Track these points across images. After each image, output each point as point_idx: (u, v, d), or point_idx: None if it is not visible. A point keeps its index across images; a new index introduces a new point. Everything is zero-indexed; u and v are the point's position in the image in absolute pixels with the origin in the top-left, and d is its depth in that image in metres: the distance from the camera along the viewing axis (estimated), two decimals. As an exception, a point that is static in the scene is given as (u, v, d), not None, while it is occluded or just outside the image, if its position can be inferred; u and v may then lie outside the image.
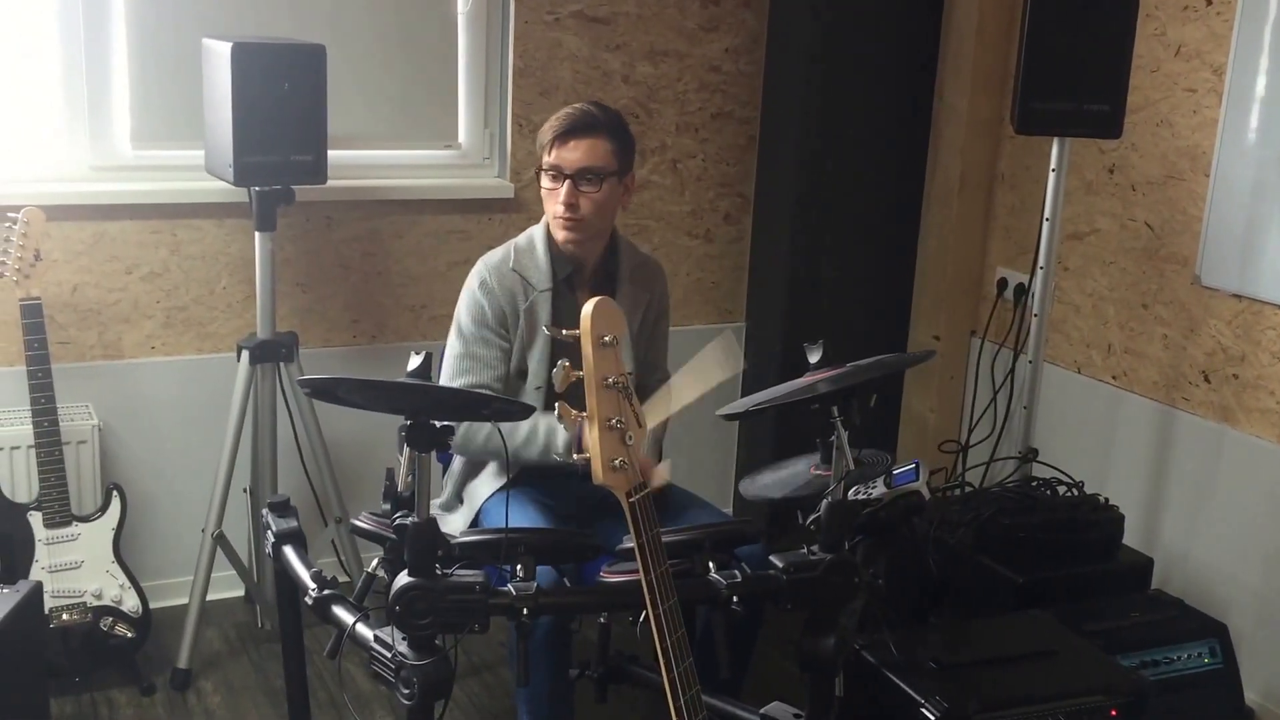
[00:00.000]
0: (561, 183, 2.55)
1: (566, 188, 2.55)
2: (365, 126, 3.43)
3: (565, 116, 2.57)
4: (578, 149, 2.55)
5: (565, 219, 2.57)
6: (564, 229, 2.59)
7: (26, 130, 3.16)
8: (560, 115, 2.57)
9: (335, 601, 2.15)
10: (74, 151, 3.18)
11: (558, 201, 2.56)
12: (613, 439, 1.71)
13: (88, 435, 3.13)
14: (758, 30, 3.84)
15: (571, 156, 2.55)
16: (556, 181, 2.56)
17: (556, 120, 2.57)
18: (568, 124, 2.55)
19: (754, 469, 2.41)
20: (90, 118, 3.17)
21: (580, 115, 2.57)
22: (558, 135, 2.54)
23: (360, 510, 3.29)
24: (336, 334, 3.52)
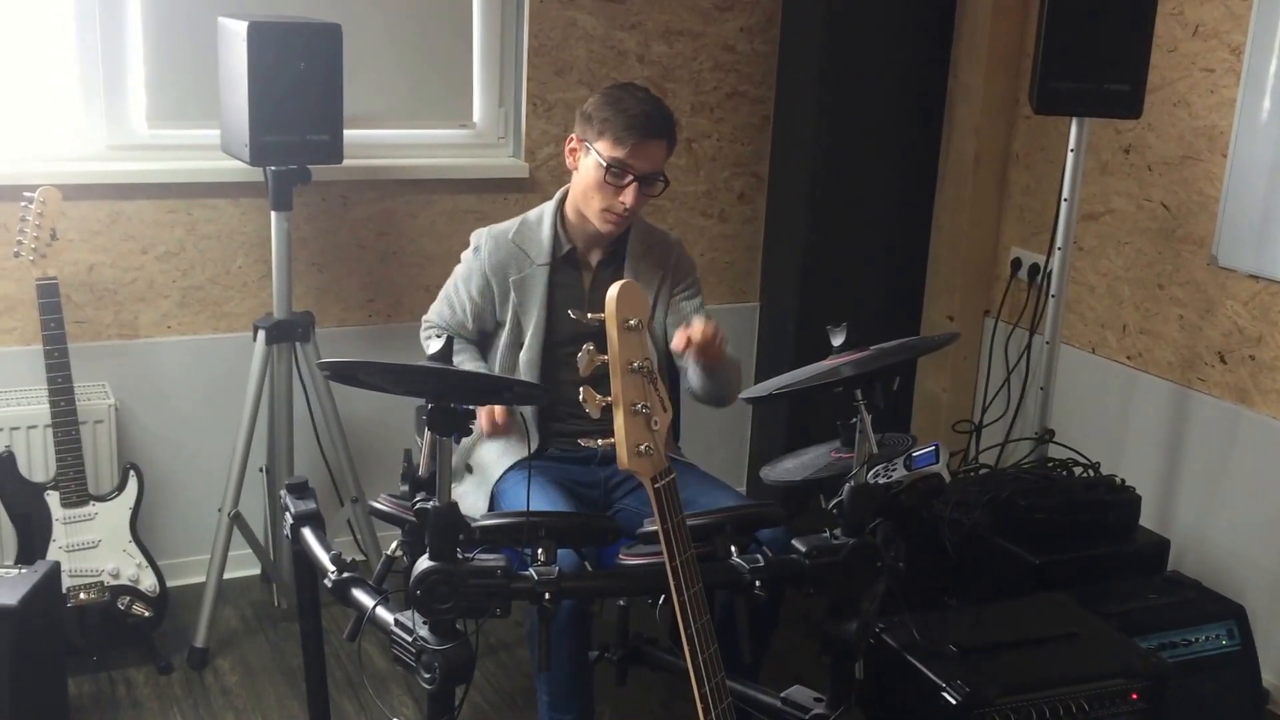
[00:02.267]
0: (627, 182, 2.52)
1: (633, 189, 2.52)
2: (380, 106, 3.42)
3: (644, 117, 2.50)
4: (651, 152, 2.52)
5: (620, 217, 2.56)
6: (609, 224, 2.57)
7: (42, 109, 3.14)
8: (636, 113, 2.49)
9: (355, 584, 2.15)
10: (90, 131, 3.17)
11: (618, 199, 2.53)
12: (638, 424, 1.71)
13: (104, 414, 3.13)
14: (773, 9, 3.82)
15: (645, 159, 2.51)
16: (620, 180, 2.52)
17: (632, 117, 2.48)
18: (648, 126, 2.49)
19: (774, 454, 2.40)
20: (106, 97, 3.16)
21: (658, 117, 2.52)
22: (638, 136, 2.48)
23: (376, 490, 3.34)
24: (351, 314, 3.51)
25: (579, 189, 2.60)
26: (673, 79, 3.73)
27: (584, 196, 2.58)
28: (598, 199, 2.55)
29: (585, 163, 2.57)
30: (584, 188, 2.58)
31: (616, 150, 2.50)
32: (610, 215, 2.56)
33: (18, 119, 3.13)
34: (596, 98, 2.58)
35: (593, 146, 2.54)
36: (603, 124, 2.51)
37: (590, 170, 2.55)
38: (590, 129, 2.54)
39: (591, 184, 2.55)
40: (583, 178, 2.58)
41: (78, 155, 3.16)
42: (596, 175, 2.54)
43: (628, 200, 2.52)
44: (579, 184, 2.60)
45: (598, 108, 2.55)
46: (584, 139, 2.57)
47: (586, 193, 2.57)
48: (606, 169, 2.51)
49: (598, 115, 2.53)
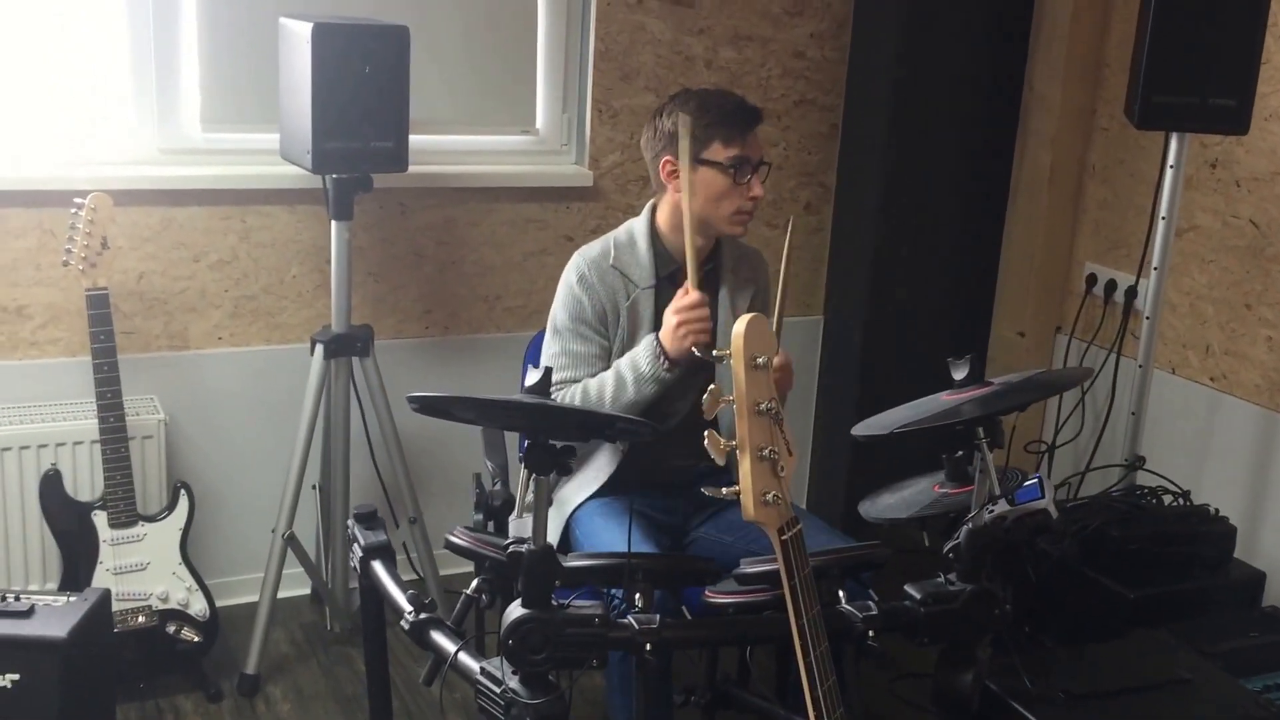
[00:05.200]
0: (748, 174, 2.43)
1: (757, 179, 2.45)
2: (441, 111, 3.29)
3: (739, 107, 2.45)
4: (758, 137, 2.47)
5: (749, 214, 2.47)
6: (743, 223, 2.48)
7: (93, 112, 3.03)
8: (731, 107, 2.44)
9: (434, 626, 2.02)
10: (142, 134, 3.06)
11: (745, 196, 2.44)
12: (764, 470, 1.58)
13: (154, 430, 3.01)
14: (844, 15, 3.68)
15: (756, 146, 2.46)
16: (742, 174, 2.43)
17: (730, 113, 2.42)
18: (750, 114, 2.45)
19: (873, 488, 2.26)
20: (159, 99, 3.04)
21: (747, 103, 2.48)
22: (746, 126, 2.43)
23: (435, 511, 3.27)
24: (408, 325, 3.39)
25: (700, 205, 2.45)
26: (740, 85, 3.59)
27: (711, 209, 2.46)
28: (726, 204, 2.46)
29: (698, 177, 2.44)
30: (707, 200, 2.45)
31: (732, 148, 2.43)
32: (743, 215, 2.48)
33: (68, 122, 3.01)
34: (678, 112, 2.45)
35: (701, 157, 2.43)
36: (705, 130, 2.42)
37: (711, 180, 2.44)
38: (690, 142, 2.42)
39: (717, 192, 2.45)
40: (703, 191, 2.45)
41: (129, 159, 3.04)
42: (722, 180, 2.44)
43: (758, 191, 2.46)
44: (699, 200, 2.45)
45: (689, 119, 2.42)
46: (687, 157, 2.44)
47: (713, 204, 2.46)
48: (731, 170, 2.42)
49: (696, 124, 2.42)
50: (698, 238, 2.51)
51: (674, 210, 2.51)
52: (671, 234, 2.54)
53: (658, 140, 2.49)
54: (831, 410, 3.90)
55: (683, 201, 2.39)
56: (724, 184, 2.44)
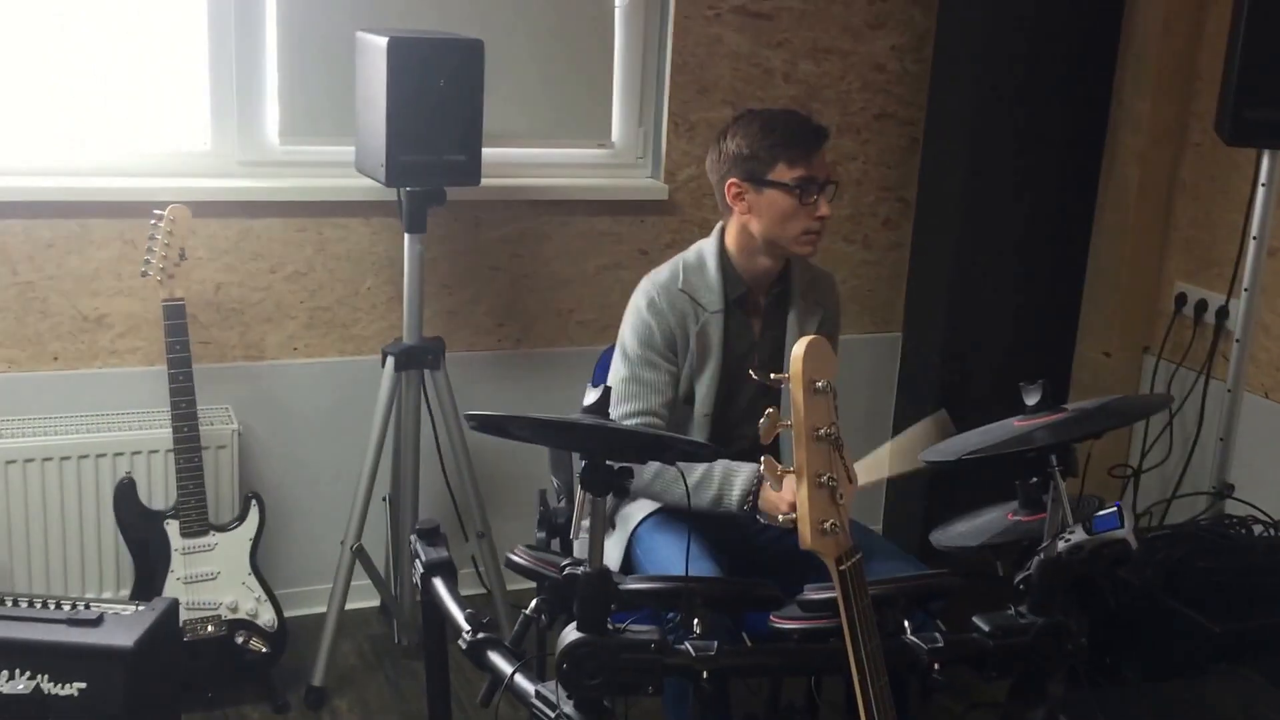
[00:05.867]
0: (814, 195, 2.39)
1: (824, 198, 2.40)
2: (516, 124, 3.28)
3: (804, 127, 2.41)
4: (823, 157, 2.42)
5: (817, 234, 2.42)
6: (812, 243, 2.44)
7: (173, 124, 3.08)
8: (795, 128, 2.40)
9: (491, 646, 1.99)
10: (221, 146, 3.09)
11: (814, 215, 2.39)
12: (823, 498, 1.53)
13: (227, 440, 3.04)
14: (926, 28, 3.61)
15: (821, 165, 2.41)
16: (807, 194, 2.38)
17: (793, 133, 2.39)
18: (814, 134, 2.41)
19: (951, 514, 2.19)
20: (239, 112, 3.08)
21: (812, 121, 2.44)
22: (810, 146, 2.39)
23: (503, 525, 3.26)
24: (481, 338, 3.39)
25: (766, 227, 2.42)
26: (819, 99, 3.54)
27: (778, 231, 2.42)
28: (793, 225, 2.41)
29: (763, 199, 2.41)
30: (774, 222, 2.41)
31: (798, 169, 2.38)
32: (810, 235, 2.43)
33: (150, 134, 3.06)
34: (738, 134, 2.43)
35: (766, 179, 2.39)
36: (770, 151, 2.38)
37: (776, 201, 2.40)
38: (755, 164, 2.40)
39: (782, 214, 2.40)
40: (769, 213, 2.41)
41: (208, 171, 3.08)
42: (788, 202, 2.39)
43: (824, 211, 2.41)
44: (766, 221, 2.42)
45: (754, 140, 2.41)
46: (749, 179, 2.41)
47: (779, 226, 2.41)
48: (797, 190, 2.37)
49: (760, 146, 2.39)
50: (764, 259, 2.47)
51: (742, 232, 2.47)
52: (740, 257, 2.49)
53: (723, 163, 2.45)
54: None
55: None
56: (790, 205, 2.39)
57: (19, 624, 2.46)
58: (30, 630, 2.44)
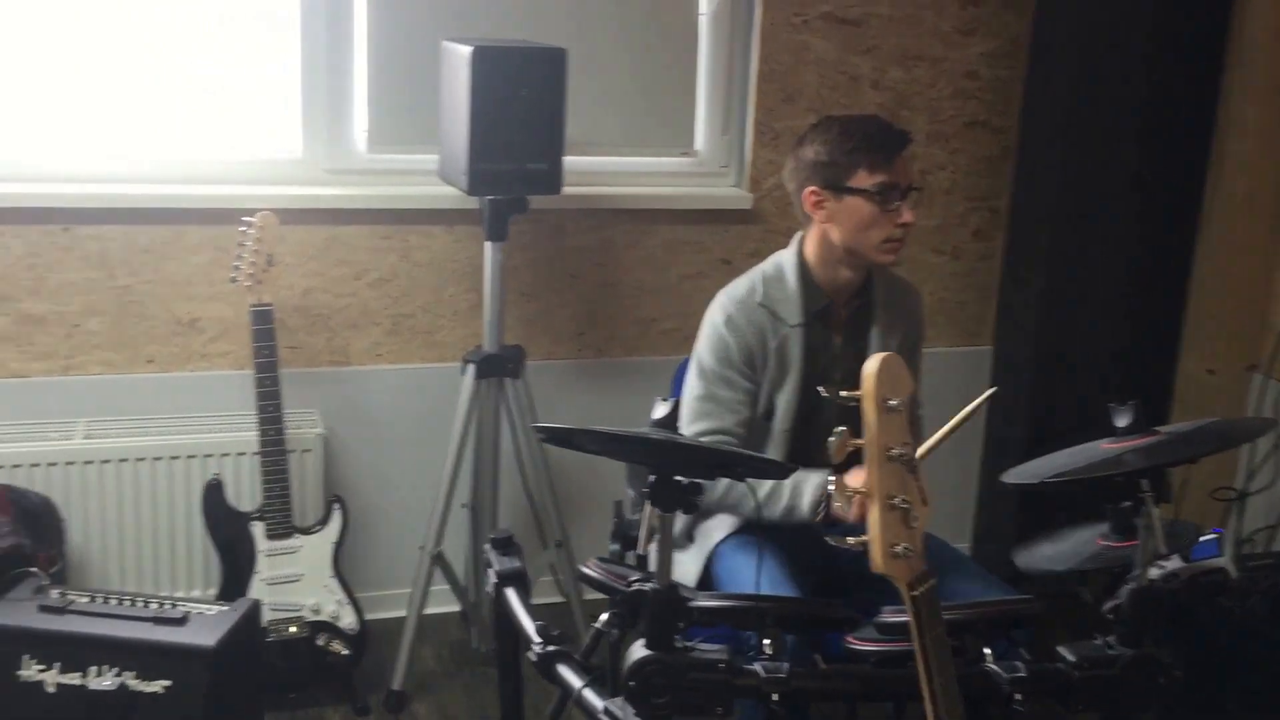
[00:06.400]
0: (896, 201, 2.33)
1: (906, 205, 2.34)
2: (599, 132, 3.28)
3: (885, 131, 2.36)
4: (906, 162, 2.36)
5: (899, 241, 2.37)
6: (893, 251, 2.38)
7: (263, 132, 3.13)
8: (875, 132, 2.35)
9: (561, 660, 1.97)
10: (311, 154, 3.14)
11: (895, 222, 2.34)
12: (894, 520, 1.48)
13: (313, 444, 3.08)
14: (1020, 34, 3.52)
15: (903, 172, 2.35)
16: (889, 200, 2.33)
17: (873, 138, 2.34)
18: (895, 139, 2.35)
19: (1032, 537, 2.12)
20: (328, 121, 3.12)
21: (894, 126, 2.38)
22: (892, 151, 2.33)
23: (581, 535, 3.25)
24: (561, 346, 3.39)
25: (846, 235, 2.38)
26: (908, 106, 3.48)
27: (859, 239, 2.37)
28: (875, 232, 2.35)
29: (843, 206, 2.36)
30: (854, 230, 2.36)
31: (878, 174, 2.32)
32: (892, 243, 2.37)
33: (241, 143, 3.11)
34: (816, 141, 2.39)
35: (846, 186, 2.34)
36: (849, 157, 2.33)
37: (857, 209, 2.35)
38: (834, 171, 2.35)
39: (864, 221, 2.35)
40: (849, 221, 2.36)
41: (297, 179, 3.13)
42: (868, 210, 2.34)
43: (907, 218, 2.35)
44: (846, 230, 2.37)
45: (833, 146, 2.36)
46: (828, 186, 2.37)
47: (860, 234, 2.36)
48: (876, 197, 2.32)
49: (839, 152, 2.34)
50: (846, 270, 2.42)
51: (822, 242, 2.43)
52: (821, 268, 2.45)
53: (801, 170, 2.40)
54: (998, 448, 3.73)
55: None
56: (870, 212, 2.34)
57: (108, 621, 2.52)
58: (118, 627, 2.50)
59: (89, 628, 2.49)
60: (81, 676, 2.46)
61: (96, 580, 2.98)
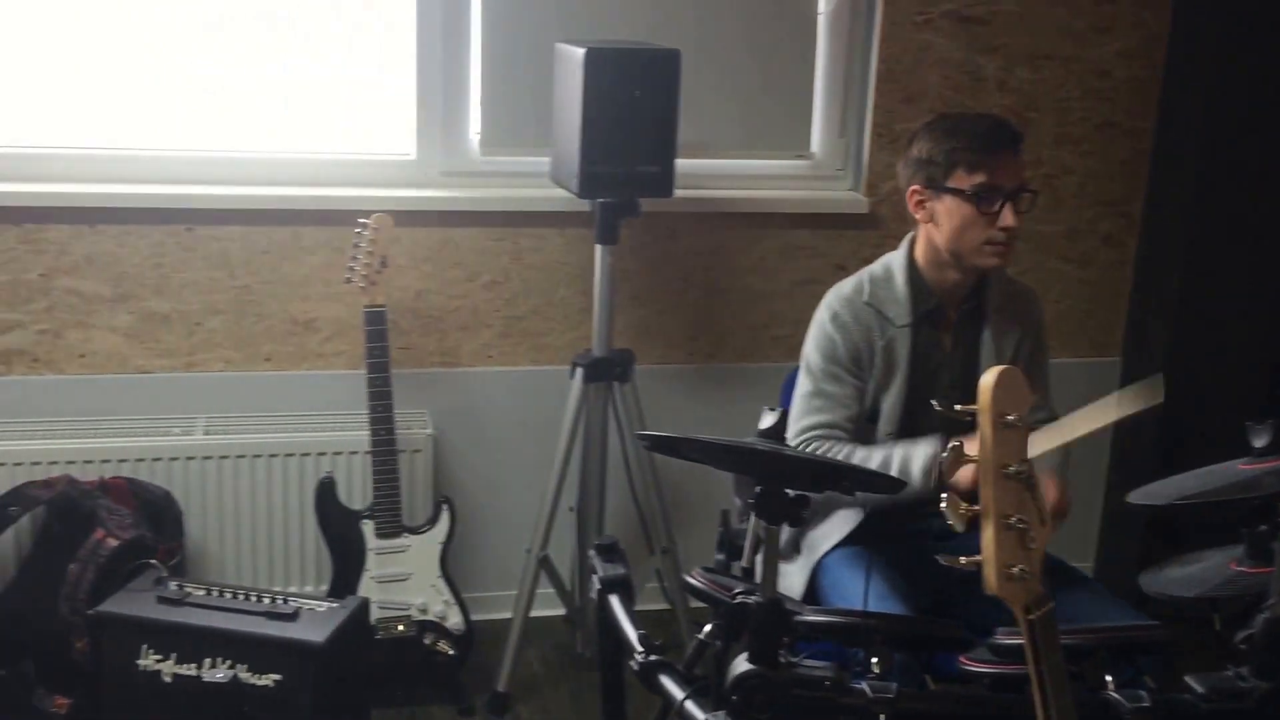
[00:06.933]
0: (998, 203, 2.26)
1: (1009, 208, 2.26)
2: (712, 134, 3.23)
3: (990, 129, 2.29)
4: (1009, 163, 2.27)
5: (1003, 244, 2.29)
6: (996, 255, 2.30)
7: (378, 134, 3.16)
8: (979, 131, 2.28)
9: (663, 670, 1.94)
10: (426, 157, 3.16)
11: (995, 225, 2.27)
12: (1011, 541, 1.41)
13: (423, 444, 3.10)
14: (1158, 31, 3.38)
15: (1006, 173, 2.27)
16: (992, 204, 2.26)
17: (975, 136, 2.27)
18: (998, 138, 2.28)
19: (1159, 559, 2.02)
20: (443, 123, 3.13)
21: (1001, 126, 2.31)
22: (989, 149, 2.26)
23: (688, 541, 3.21)
24: (672, 351, 3.35)
25: (946, 237, 2.32)
26: (1035, 108, 3.36)
27: (958, 241, 2.31)
28: (973, 235, 2.29)
29: (942, 207, 2.31)
30: (954, 232, 2.30)
31: (976, 175, 2.25)
32: (993, 246, 2.29)
33: (357, 145, 3.15)
34: (922, 139, 2.34)
35: (945, 185, 2.28)
36: (948, 156, 2.27)
37: (955, 210, 2.29)
38: (934, 170, 2.29)
39: (961, 223, 2.29)
40: (948, 222, 2.31)
41: (412, 181, 3.15)
42: (965, 211, 2.27)
43: (1008, 221, 2.26)
44: (945, 231, 2.32)
45: (933, 144, 2.31)
46: (929, 185, 2.31)
47: (958, 236, 2.30)
48: (974, 198, 2.25)
49: (938, 150, 2.29)
50: (953, 272, 2.35)
51: (928, 243, 2.37)
52: (930, 269, 2.39)
53: (906, 168, 2.36)
54: (1127, 466, 3.58)
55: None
56: (968, 214, 2.27)
57: (222, 614, 2.56)
58: (232, 621, 2.55)
59: (204, 620, 2.54)
60: (196, 668, 2.51)
61: (212, 573, 3.04)
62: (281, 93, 3.08)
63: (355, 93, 3.12)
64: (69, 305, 3.00)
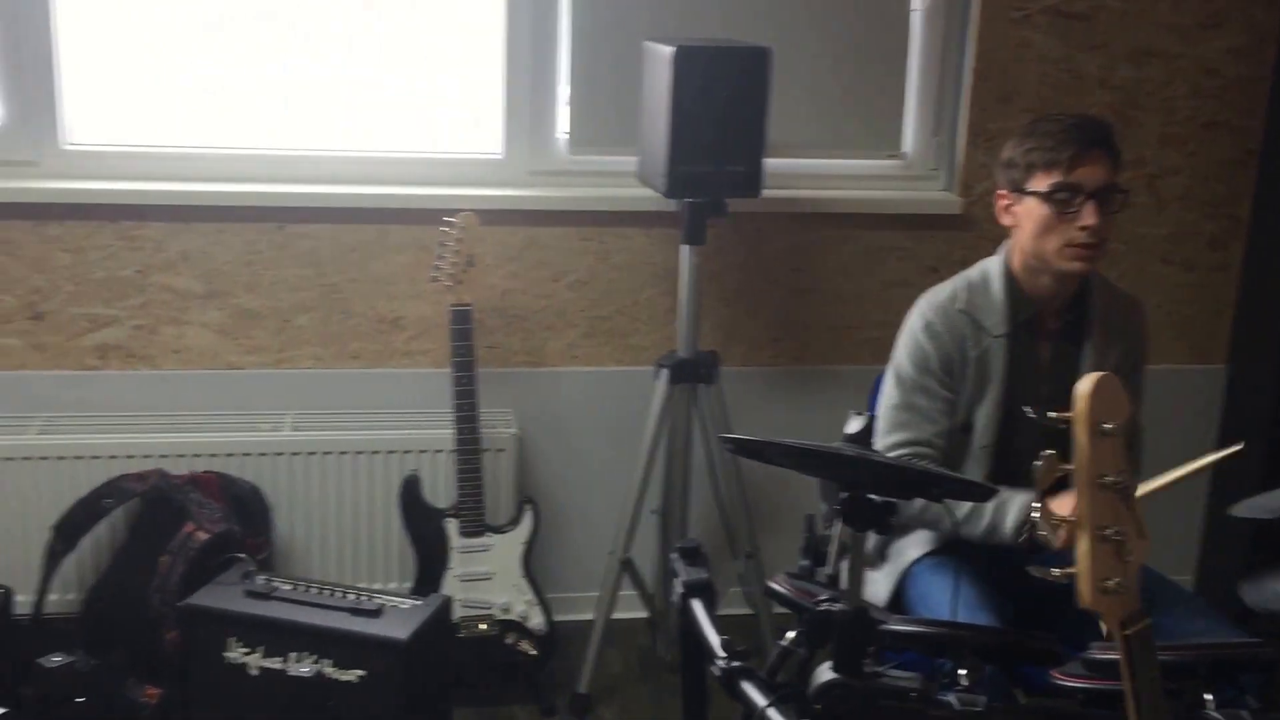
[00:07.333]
0: (1080, 203, 2.19)
1: (1090, 208, 2.18)
2: (801, 133, 3.19)
3: (1073, 129, 2.21)
4: (1093, 163, 2.19)
5: (1085, 247, 2.20)
6: (1079, 259, 2.22)
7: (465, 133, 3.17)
8: (1060, 130, 2.21)
9: (744, 676, 1.90)
10: (513, 156, 3.16)
11: (1075, 226, 2.19)
12: (1106, 553, 1.36)
13: (507, 444, 3.10)
14: (1269, 27, 3.26)
15: (1089, 173, 2.18)
16: (1069, 204, 2.19)
17: (1056, 136, 2.20)
18: (1079, 137, 2.20)
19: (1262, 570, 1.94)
20: (531, 122, 3.13)
21: (1087, 125, 2.23)
22: (1072, 150, 2.18)
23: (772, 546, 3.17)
24: (756, 353, 3.32)
25: (1028, 240, 2.26)
26: (1139, 106, 3.26)
27: (1039, 244, 2.24)
28: (1053, 238, 2.21)
29: (1024, 210, 2.25)
30: (1034, 235, 2.24)
31: (1053, 175, 2.19)
32: (1074, 249, 2.21)
33: (445, 144, 3.16)
34: (1011, 141, 2.30)
35: (1026, 188, 2.22)
36: (1027, 156, 2.21)
37: (1035, 212, 2.22)
38: (1016, 173, 2.24)
39: (1041, 225, 2.22)
40: (1030, 225, 2.24)
41: (499, 181, 3.15)
42: (1044, 213, 2.21)
43: (1087, 220, 2.18)
44: (1027, 235, 2.26)
45: (1015, 147, 2.27)
46: (1013, 188, 2.26)
47: (1039, 239, 2.23)
48: (1051, 198, 2.19)
49: (1018, 152, 2.24)
50: (1046, 279, 2.28)
51: (1020, 249, 2.30)
52: (1025, 275, 2.31)
53: (995, 172, 2.31)
54: (1228, 477, 3.45)
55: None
56: (1046, 216, 2.20)
57: (308, 609, 2.59)
58: (317, 616, 2.57)
59: (290, 615, 2.57)
60: (282, 661, 2.54)
61: (298, 568, 3.07)
62: (372, 93, 3.10)
63: (444, 93, 3.13)
64: (163, 301, 3.05)
